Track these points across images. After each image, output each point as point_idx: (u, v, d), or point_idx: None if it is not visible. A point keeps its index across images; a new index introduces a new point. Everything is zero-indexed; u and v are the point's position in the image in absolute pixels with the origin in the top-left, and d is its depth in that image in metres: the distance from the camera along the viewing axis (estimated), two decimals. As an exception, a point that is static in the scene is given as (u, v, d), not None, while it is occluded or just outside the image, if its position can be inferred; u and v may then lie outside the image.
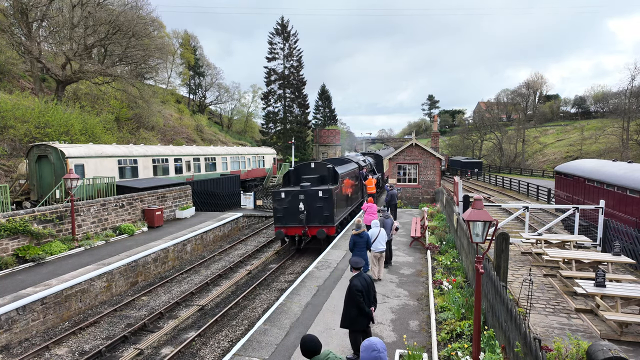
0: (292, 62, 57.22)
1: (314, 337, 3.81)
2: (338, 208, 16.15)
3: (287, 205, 15.31)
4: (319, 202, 15.12)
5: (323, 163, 17.58)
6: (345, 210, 17.96)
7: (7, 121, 21.61)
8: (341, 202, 17.02)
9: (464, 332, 7.29)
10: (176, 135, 41.88)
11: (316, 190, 15.22)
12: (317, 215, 15.26)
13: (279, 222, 15.70)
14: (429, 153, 26.30)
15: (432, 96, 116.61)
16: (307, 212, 15.16)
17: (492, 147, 69.29)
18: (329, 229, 15.32)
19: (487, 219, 5.74)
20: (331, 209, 15.21)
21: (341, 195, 17.07)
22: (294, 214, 15.31)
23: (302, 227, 15.34)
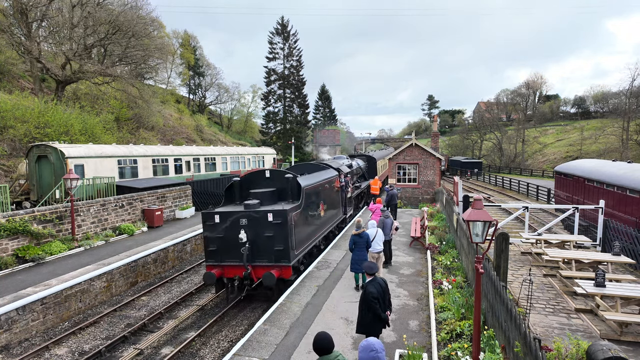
0: (292, 62, 57.27)
1: (328, 335, 3.79)
2: (300, 237, 11.15)
3: (223, 234, 10.38)
4: (268, 229, 10.14)
5: (282, 172, 12.17)
6: (313, 239, 12.68)
7: (6, 121, 21.59)
8: (305, 228, 11.79)
9: (463, 332, 7.29)
10: (176, 135, 41.87)
11: (264, 212, 10.17)
12: (265, 250, 10.28)
13: (212, 257, 10.59)
14: (429, 153, 26.31)
15: (431, 96, 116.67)
16: (252, 244, 10.23)
17: (492, 147, 69.31)
18: (281, 269, 10.24)
19: (487, 219, 5.75)
20: (286, 240, 10.14)
21: (307, 217, 11.96)
22: (232, 246, 10.30)
23: (243, 267, 10.27)
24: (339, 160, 22.06)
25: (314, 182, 12.94)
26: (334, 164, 18.06)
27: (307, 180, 12.45)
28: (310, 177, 13.38)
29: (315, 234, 13.05)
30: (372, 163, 29.44)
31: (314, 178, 13.53)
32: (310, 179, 12.98)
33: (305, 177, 12.97)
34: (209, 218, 10.52)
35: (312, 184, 12.64)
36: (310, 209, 12.33)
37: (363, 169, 26.57)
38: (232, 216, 10.36)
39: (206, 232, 10.58)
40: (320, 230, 13.70)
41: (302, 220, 11.49)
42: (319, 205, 13.37)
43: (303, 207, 11.41)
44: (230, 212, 10.42)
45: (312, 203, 12.50)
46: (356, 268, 9.71)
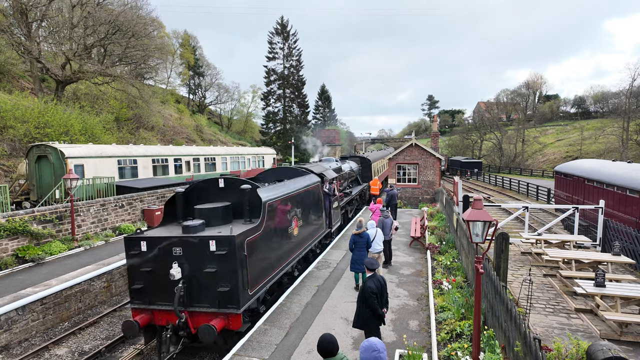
0: (292, 61, 57.25)
1: (333, 338, 3.76)
2: (258, 270, 8.22)
3: (153, 267, 7.60)
4: (210, 262, 7.34)
5: (239, 181, 9.29)
6: (281, 266, 9.63)
7: (6, 121, 21.59)
8: (268, 255, 8.80)
9: (463, 332, 7.29)
10: (176, 136, 41.87)
11: (205, 238, 7.38)
12: (207, 290, 7.44)
13: (138, 298, 7.78)
14: (429, 153, 26.32)
15: (431, 96, 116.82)
16: (189, 282, 7.46)
17: (492, 147, 69.34)
18: (228, 318, 7.46)
19: (487, 219, 5.75)
20: (234, 278, 7.30)
21: (271, 240, 8.97)
22: (164, 284, 7.50)
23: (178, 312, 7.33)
24: (325, 163, 18.96)
25: (282, 194, 9.96)
26: (317, 169, 14.93)
27: (272, 192, 9.50)
28: (279, 187, 10.35)
29: (285, 260, 9.91)
30: (366, 165, 26.76)
31: (285, 188, 10.52)
32: (278, 190, 10.00)
33: (272, 188, 9.93)
34: (133, 245, 7.65)
35: (280, 196, 9.74)
36: (277, 229, 9.38)
37: (356, 172, 24.12)
38: (163, 243, 7.47)
39: (130, 264, 7.75)
40: (293, 254, 10.56)
41: (264, 246, 8.50)
42: (291, 221, 10.44)
43: (265, 228, 8.48)
44: (160, 238, 7.53)
45: (280, 220, 9.65)
46: (356, 268, 9.70)
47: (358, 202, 22.70)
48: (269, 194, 9.30)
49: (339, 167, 19.64)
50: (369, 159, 27.42)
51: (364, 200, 24.27)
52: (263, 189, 9.27)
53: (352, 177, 22.97)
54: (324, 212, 13.92)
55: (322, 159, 21.14)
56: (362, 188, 23.64)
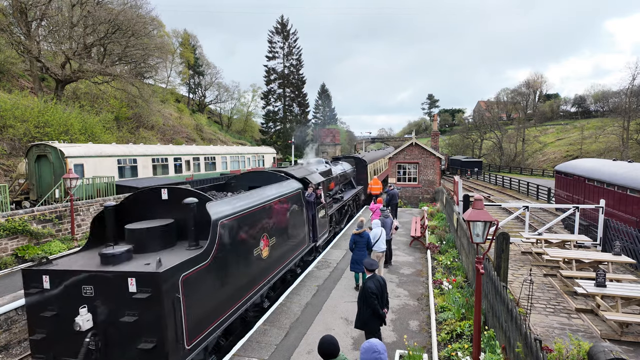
0: (292, 60, 57.22)
1: (334, 339, 3.75)
2: (204, 314, 6.24)
3: (57, 310, 5.56)
4: (129, 308, 5.28)
5: (185, 191, 7.09)
6: (235, 305, 7.31)
7: (6, 120, 21.57)
8: (221, 292, 6.78)
9: (464, 333, 7.27)
10: (176, 135, 41.84)
11: (121, 275, 5.32)
12: (125, 347, 5.35)
13: (40, 351, 5.70)
14: (429, 152, 26.30)
15: (431, 95, 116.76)
16: (103, 335, 5.39)
17: (492, 146, 69.30)
18: None
19: (488, 219, 5.72)
20: (162, 330, 5.23)
21: (225, 270, 6.94)
22: (71, 335, 5.36)
23: None
24: (313, 166, 16.78)
25: (246, 207, 7.86)
26: (299, 172, 12.75)
27: (229, 206, 7.35)
28: (243, 198, 8.17)
29: (248, 291, 7.71)
30: (362, 166, 25.31)
31: (250, 199, 8.40)
32: (240, 202, 7.89)
33: (231, 200, 7.73)
34: (33, 280, 5.60)
35: (242, 211, 7.65)
36: (236, 253, 7.27)
37: (349, 174, 22.22)
38: (71, 279, 5.44)
39: (30, 305, 5.63)
40: (261, 281, 8.41)
41: (214, 279, 6.41)
42: (259, 240, 8.36)
43: (215, 256, 6.39)
44: (67, 272, 5.49)
45: (242, 241, 7.57)
46: (356, 268, 9.68)
47: (352, 207, 20.72)
48: (224, 208, 7.08)
49: (327, 170, 17.36)
50: (364, 160, 25.89)
51: (358, 205, 22.55)
52: (216, 203, 7.05)
53: (345, 180, 21.02)
54: (306, 224, 11.76)
55: (309, 161, 18.45)
56: (357, 192, 21.77)
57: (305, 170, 13.75)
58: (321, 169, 16.59)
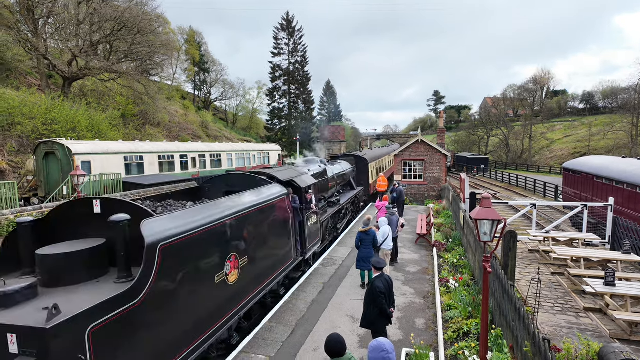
0: (297, 57, 57.10)
1: (341, 338, 3.75)
2: None
3: None
4: None
5: (119, 203, 5.50)
6: (187, 350, 5.57)
7: (14, 118, 21.75)
8: (159, 340, 4.97)
9: (471, 331, 7.24)
10: (182, 132, 41.99)
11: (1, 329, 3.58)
12: None
13: None
14: (435, 149, 26.15)
15: (437, 92, 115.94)
16: None
17: (499, 143, 68.77)
18: None
19: (496, 218, 5.67)
20: None
21: (168, 311, 5.15)
22: None
23: None
24: (304, 166, 15.20)
25: (201, 225, 6.01)
26: (285, 174, 10.86)
27: (177, 222, 5.64)
28: (198, 212, 6.32)
29: (206, 330, 6.06)
30: (362, 165, 23.86)
31: (211, 211, 6.56)
32: (194, 217, 6.06)
33: (183, 214, 5.98)
34: None
35: (194, 230, 5.84)
36: (186, 284, 5.59)
37: (349, 174, 20.45)
38: None
39: None
40: (227, 312, 6.72)
41: (151, 324, 4.85)
42: (224, 263, 6.57)
43: (152, 292, 4.80)
44: None
45: (195, 268, 5.83)
46: (362, 265, 9.66)
47: (351, 211, 18.94)
48: (168, 227, 5.32)
49: (321, 171, 15.63)
50: (365, 158, 24.29)
51: (357, 208, 20.76)
52: (158, 220, 5.32)
53: (343, 181, 19.40)
54: (292, 235, 9.98)
55: (305, 160, 16.97)
56: (356, 194, 20.16)
57: (293, 172, 11.76)
58: (314, 170, 14.90)
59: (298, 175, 11.61)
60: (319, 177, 14.65)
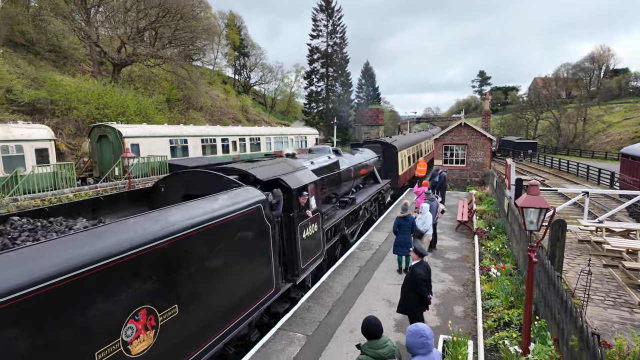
0: (336, 39, 56.26)
1: (378, 321, 3.80)
2: None
3: None
4: None
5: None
6: None
7: (71, 103, 23.29)
8: None
9: (512, 321, 7.04)
10: (223, 116, 43.08)
11: None
12: None
13: None
14: (479, 133, 25.07)
15: (483, 72, 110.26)
16: None
17: (549, 127, 64.67)
18: None
19: (543, 206, 5.41)
20: None
21: None
22: None
23: None
24: (308, 158, 11.96)
25: (81, 264, 3.70)
26: (266, 171, 8.15)
27: (25, 267, 3.38)
28: (82, 242, 3.96)
29: None
30: (390, 154, 20.70)
31: (113, 237, 4.24)
32: (65, 253, 3.73)
33: (47, 248, 3.74)
34: None
35: (51, 278, 3.44)
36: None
37: (371, 164, 17.13)
38: None
39: None
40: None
41: None
42: (124, 322, 4.13)
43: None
44: None
45: (58, 342, 3.50)
46: (400, 251, 9.60)
47: (371, 211, 15.89)
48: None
49: (330, 164, 12.43)
50: (393, 146, 21.02)
51: (382, 206, 17.67)
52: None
53: (363, 173, 16.06)
54: (272, 256, 7.06)
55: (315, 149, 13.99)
56: (381, 189, 16.88)
57: (282, 167, 8.89)
58: (320, 162, 11.84)
59: (290, 171, 8.82)
60: (326, 172, 11.79)
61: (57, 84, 23.60)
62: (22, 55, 26.21)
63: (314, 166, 11.15)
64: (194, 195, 6.63)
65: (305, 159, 11.44)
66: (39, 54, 27.56)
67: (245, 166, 8.17)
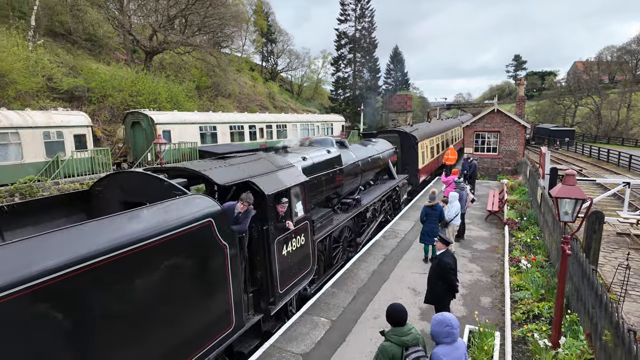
0: (364, 23, 55.16)
1: (403, 308, 3.80)
2: None
3: None
4: None
5: None
6: None
7: (106, 90, 24.16)
8: None
9: (542, 314, 6.86)
10: (250, 103, 43.47)
11: None
12: None
13: None
14: (513, 120, 24.14)
15: (518, 56, 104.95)
16: None
17: (588, 114, 61.27)
18: None
19: (580, 197, 5.18)
20: None
21: None
22: None
23: None
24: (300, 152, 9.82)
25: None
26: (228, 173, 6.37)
27: None
28: None
29: None
30: (409, 146, 18.62)
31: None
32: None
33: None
34: None
35: None
36: None
37: (385, 157, 14.92)
38: None
39: None
40: None
41: None
42: None
43: None
44: None
45: None
46: (426, 240, 9.50)
47: (382, 211, 13.72)
48: None
49: (328, 160, 10.13)
50: (413, 136, 18.75)
51: (396, 206, 15.39)
52: None
53: (374, 168, 13.85)
54: (230, 284, 5.44)
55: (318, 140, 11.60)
56: (395, 186, 14.72)
57: (260, 165, 7.09)
58: (315, 158, 9.60)
59: (267, 171, 6.96)
60: (323, 169, 9.67)
61: (93, 72, 24.51)
62: (61, 44, 27.32)
63: (306, 163, 9.10)
64: (132, 202, 5.24)
65: (297, 154, 9.45)
66: (76, 43, 28.64)
67: (200, 165, 6.33)
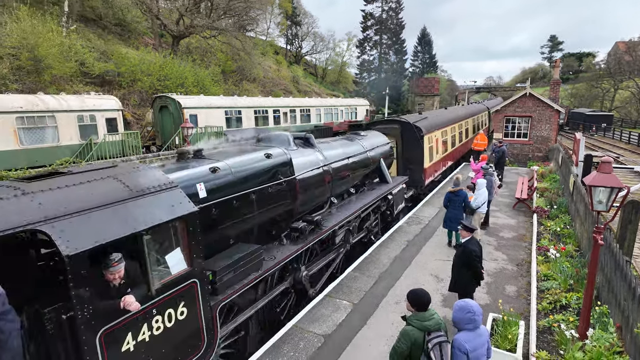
0: (391, 3, 53.78)
1: (427, 293, 3.80)
2: None
3: None
4: None
5: None
6: None
7: (136, 75, 24.74)
8: None
9: (570, 305, 6.69)
10: (274, 87, 43.50)
11: None
12: None
13: None
14: (546, 104, 23.10)
15: (554, 37, 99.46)
16: None
17: (629, 98, 57.75)
18: None
19: (615, 185, 4.96)
20: None
21: None
22: None
23: None
24: (218, 159, 6.00)
25: None
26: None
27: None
28: None
29: None
30: (412, 139, 14.45)
31: None
32: None
33: None
34: None
35: None
36: None
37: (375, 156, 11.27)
38: None
39: None
40: None
41: None
42: None
43: None
44: None
45: None
46: (450, 225, 9.38)
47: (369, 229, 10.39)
48: None
49: (261, 169, 6.51)
50: (418, 127, 14.53)
51: (388, 221, 11.73)
52: None
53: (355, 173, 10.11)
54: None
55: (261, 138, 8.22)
56: (385, 194, 10.94)
57: (90, 191, 3.72)
58: (237, 166, 6.13)
59: (98, 205, 3.65)
60: (249, 183, 6.21)
61: (122, 56, 25.10)
62: (92, 29, 28.04)
63: (216, 176, 5.69)
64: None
65: (211, 161, 5.93)
66: (106, 28, 29.33)
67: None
